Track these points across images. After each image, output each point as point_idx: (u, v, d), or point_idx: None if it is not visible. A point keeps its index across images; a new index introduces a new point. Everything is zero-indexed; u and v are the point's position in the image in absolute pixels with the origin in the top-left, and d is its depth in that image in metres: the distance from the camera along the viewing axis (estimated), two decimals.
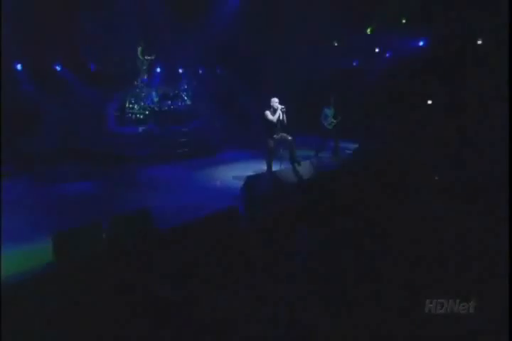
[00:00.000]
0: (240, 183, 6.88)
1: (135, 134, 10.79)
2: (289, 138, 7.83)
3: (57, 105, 10.53)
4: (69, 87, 10.95)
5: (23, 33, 9.78)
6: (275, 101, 7.65)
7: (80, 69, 11.19)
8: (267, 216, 5.36)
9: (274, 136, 7.69)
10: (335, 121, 9.83)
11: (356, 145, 10.55)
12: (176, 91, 11.99)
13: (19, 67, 10.42)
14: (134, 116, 11.24)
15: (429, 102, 12.42)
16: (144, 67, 11.42)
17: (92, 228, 4.54)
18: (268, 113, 7.62)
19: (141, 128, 10.94)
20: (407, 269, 4.05)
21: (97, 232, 4.53)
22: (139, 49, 11.29)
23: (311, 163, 8.08)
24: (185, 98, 12.06)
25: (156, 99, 11.45)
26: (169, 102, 11.57)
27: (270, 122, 7.59)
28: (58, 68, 11.00)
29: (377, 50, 13.24)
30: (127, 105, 11.32)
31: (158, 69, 12.84)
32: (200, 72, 14.30)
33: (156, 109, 11.19)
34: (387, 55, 13.20)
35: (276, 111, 7.60)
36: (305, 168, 7.71)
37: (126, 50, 11.66)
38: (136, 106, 11.24)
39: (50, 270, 4.33)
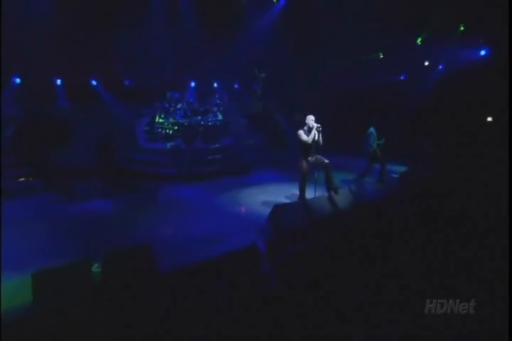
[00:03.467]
0: (268, 211, 5.95)
1: (162, 150, 10.24)
2: (325, 161, 6.85)
3: (91, 121, 10.31)
4: (103, 103, 10.75)
5: (61, 49, 9.74)
6: (311, 119, 6.72)
7: (115, 85, 11.03)
8: (293, 258, 4.36)
9: (309, 158, 6.74)
10: (382, 141, 8.73)
11: (404, 169, 9.34)
12: (208, 106, 11.40)
13: (58, 82, 10.35)
14: (163, 131, 10.75)
15: (489, 119, 11.03)
16: None
17: (78, 266, 3.78)
18: (302, 132, 6.70)
19: (169, 145, 10.39)
20: None
21: (85, 272, 3.76)
22: None
23: (351, 190, 6.98)
24: (217, 113, 11.43)
25: (186, 114, 10.91)
26: (199, 117, 10.97)
27: (304, 143, 6.66)
28: (94, 83, 10.89)
29: (426, 62, 12.03)
30: (157, 120, 10.88)
31: (192, 84, 12.51)
32: (236, 86, 13.85)
33: (186, 124, 10.61)
34: (439, 67, 11.93)
35: (311, 130, 6.66)
36: (343, 197, 6.66)
37: (160, 66, 11.47)
38: (165, 121, 10.76)
39: (25, 312, 3.60)
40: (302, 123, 6.82)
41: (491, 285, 3.62)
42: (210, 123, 10.88)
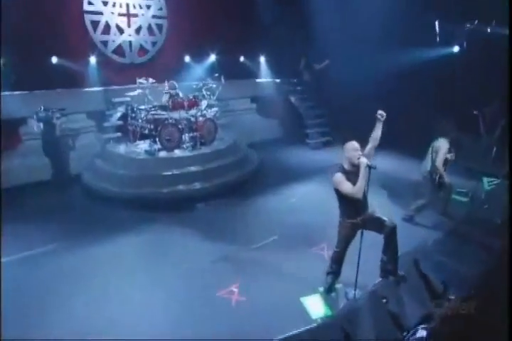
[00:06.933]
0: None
1: (130, 159, 7.42)
2: (389, 222, 3.93)
3: None
4: None
5: None
6: (353, 149, 3.71)
7: None
8: None
9: (357, 217, 3.87)
10: (451, 156, 5.71)
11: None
12: (197, 94, 8.36)
13: None
14: (137, 129, 7.88)
15: None
16: None
17: None
18: (341, 178, 3.69)
19: (143, 149, 7.56)
20: None
21: None
22: None
23: (418, 269, 4.07)
24: (210, 103, 8.42)
25: (166, 106, 7.94)
26: (185, 111, 7.96)
27: (348, 197, 3.70)
28: None
29: None
30: (129, 113, 7.96)
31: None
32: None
33: (166, 120, 7.67)
34: None
35: (357, 171, 3.69)
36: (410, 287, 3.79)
37: None
38: (137, 116, 7.83)
39: None
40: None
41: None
42: (199, 118, 7.89)
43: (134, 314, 3.89)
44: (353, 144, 3.69)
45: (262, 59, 10.84)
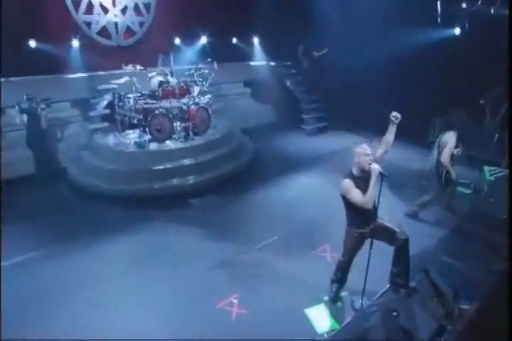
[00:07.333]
0: None
1: (118, 152, 7.02)
2: (398, 232, 3.64)
3: None
4: None
5: None
6: (364, 154, 3.36)
7: None
8: None
9: (365, 228, 3.59)
10: (459, 151, 5.43)
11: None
12: (188, 80, 7.86)
13: None
14: (125, 119, 7.41)
15: None
16: None
17: None
18: (349, 185, 3.35)
19: (132, 141, 7.15)
20: None
21: None
22: None
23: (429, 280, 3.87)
24: (203, 90, 7.94)
25: (154, 95, 7.45)
26: (175, 100, 7.49)
27: (357, 206, 3.38)
28: None
29: None
30: (115, 102, 7.46)
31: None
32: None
33: (156, 110, 7.22)
34: None
35: (366, 177, 3.34)
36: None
37: None
38: (124, 105, 7.35)
39: None
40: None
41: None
42: (192, 107, 7.43)
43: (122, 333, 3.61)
44: (364, 149, 3.35)
45: (256, 41, 10.27)
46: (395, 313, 3.55)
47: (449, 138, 5.30)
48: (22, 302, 3.96)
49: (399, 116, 3.34)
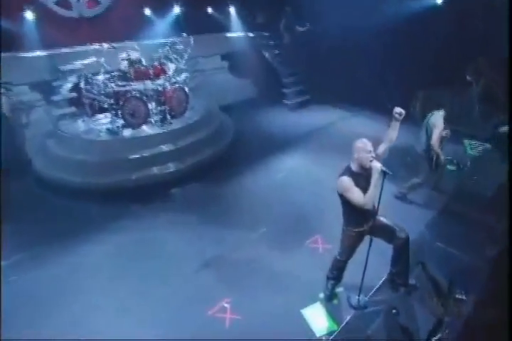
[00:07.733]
0: None
1: (88, 140, 6.48)
2: (397, 231, 3.44)
3: None
4: None
5: None
6: (365, 151, 3.06)
7: None
8: None
9: (364, 226, 3.37)
10: (447, 133, 5.26)
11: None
12: (162, 60, 7.21)
13: None
14: (95, 103, 6.79)
15: None
16: None
17: None
18: (348, 182, 3.07)
19: (104, 128, 6.60)
20: None
21: None
22: None
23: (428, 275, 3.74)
24: (179, 70, 7.33)
25: (126, 76, 6.81)
26: (149, 81, 6.88)
27: (355, 205, 3.11)
28: None
29: None
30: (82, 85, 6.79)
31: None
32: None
33: (129, 92, 6.63)
34: None
35: (366, 175, 3.09)
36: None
37: None
38: (92, 88, 6.70)
39: None
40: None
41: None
42: (168, 88, 6.87)
43: None
44: (365, 144, 3.06)
45: (233, 10, 9.52)
46: (394, 311, 3.45)
47: (438, 118, 5.13)
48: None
49: (403, 112, 3.06)
